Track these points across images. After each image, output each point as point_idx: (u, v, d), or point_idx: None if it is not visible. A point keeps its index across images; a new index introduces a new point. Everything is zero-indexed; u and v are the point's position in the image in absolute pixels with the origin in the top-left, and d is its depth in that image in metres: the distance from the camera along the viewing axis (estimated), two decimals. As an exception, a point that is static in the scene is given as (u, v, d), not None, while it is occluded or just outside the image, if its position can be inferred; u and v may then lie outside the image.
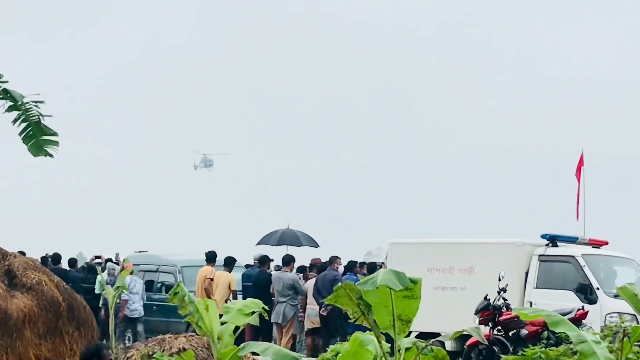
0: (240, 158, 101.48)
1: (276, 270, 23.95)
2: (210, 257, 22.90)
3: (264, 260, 23.40)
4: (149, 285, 25.69)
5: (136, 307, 24.29)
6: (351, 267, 23.40)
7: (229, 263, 22.63)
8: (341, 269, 23.34)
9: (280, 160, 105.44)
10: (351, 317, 7.56)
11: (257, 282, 22.79)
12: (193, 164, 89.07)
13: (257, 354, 9.39)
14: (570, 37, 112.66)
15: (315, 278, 22.70)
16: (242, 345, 9.46)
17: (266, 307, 10.10)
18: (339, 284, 7.96)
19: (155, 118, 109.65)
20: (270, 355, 9.13)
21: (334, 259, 23.21)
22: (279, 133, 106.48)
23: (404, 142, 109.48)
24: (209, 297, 20.94)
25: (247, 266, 25.38)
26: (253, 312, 10.75)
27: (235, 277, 22.50)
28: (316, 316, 22.28)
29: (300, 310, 22.74)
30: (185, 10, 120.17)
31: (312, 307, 22.35)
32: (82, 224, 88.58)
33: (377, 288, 7.04)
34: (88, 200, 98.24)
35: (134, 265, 22.83)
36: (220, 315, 10.29)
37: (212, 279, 22.11)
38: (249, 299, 10.86)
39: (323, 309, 21.60)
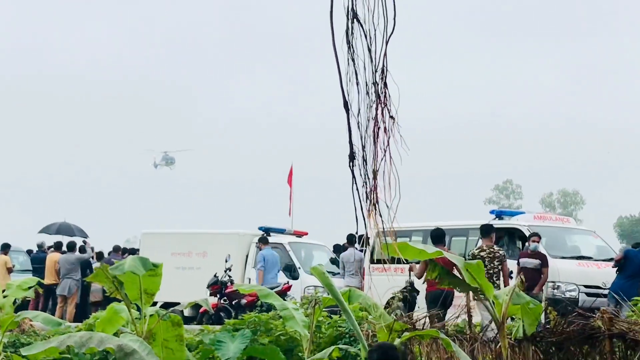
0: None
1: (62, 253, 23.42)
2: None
3: (81, 249, 22.92)
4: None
5: None
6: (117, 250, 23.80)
7: (5, 247, 22.10)
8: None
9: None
10: (107, 291, 7.66)
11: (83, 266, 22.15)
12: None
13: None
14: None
15: (102, 260, 22.63)
16: (18, 313, 9.51)
17: (42, 283, 10.09)
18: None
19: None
20: (39, 320, 9.23)
21: (118, 248, 23.61)
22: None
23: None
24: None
25: (28, 252, 24.99)
26: (29, 288, 10.70)
27: (9, 258, 21.96)
28: (99, 292, 22.05)
29: None
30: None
31: (97, 285, 22.02)
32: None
33: (124, 274, 7.15)
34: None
35: None
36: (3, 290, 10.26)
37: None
38: (28, 277, 10.90)
39: None
